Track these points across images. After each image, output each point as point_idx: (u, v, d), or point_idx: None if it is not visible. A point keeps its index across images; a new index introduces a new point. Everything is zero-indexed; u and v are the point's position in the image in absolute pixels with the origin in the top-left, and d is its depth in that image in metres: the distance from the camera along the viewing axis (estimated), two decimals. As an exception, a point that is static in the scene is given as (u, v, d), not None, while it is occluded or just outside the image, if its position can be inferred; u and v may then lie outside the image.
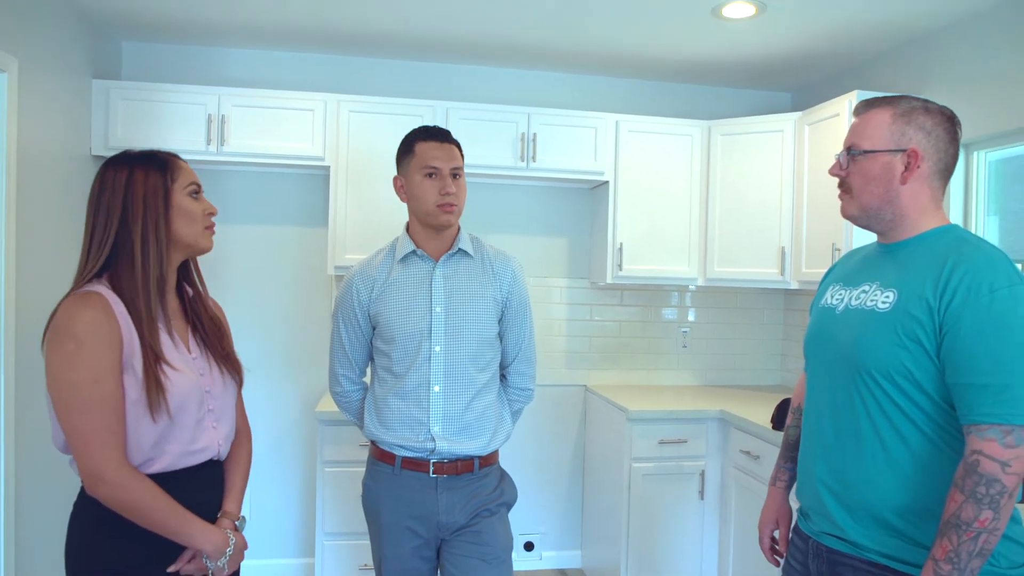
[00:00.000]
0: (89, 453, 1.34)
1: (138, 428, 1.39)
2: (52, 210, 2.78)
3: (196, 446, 1.48)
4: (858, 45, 3.22)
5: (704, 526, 3.25)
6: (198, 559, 1.47)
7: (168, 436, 1.43)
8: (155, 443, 1.42)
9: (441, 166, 1.97)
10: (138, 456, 1.41)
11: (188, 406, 1.45)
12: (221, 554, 1.48)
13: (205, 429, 1.51)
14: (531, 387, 2.17)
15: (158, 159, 1.50)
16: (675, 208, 3.53)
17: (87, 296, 1.39)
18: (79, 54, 2.99)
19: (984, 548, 1.27)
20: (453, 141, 2.04)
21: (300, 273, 3.57)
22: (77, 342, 1.35)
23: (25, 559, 2.57)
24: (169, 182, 1.48)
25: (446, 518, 1.98)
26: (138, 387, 1.38)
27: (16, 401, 2.47)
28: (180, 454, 1.45)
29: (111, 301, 1.40)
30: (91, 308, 1.37)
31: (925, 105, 1.48)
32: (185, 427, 1.45)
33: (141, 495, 1.37)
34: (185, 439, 1.46)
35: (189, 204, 1.50)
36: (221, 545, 1.48)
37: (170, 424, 1.42)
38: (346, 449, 3.02)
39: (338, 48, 3.46)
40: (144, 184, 1.45)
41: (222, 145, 3.15)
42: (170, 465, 1.44)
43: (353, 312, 2.06)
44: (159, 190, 1.46)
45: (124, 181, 1.45)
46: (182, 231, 1.49)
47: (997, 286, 1.31)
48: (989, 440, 1.28)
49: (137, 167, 1.47)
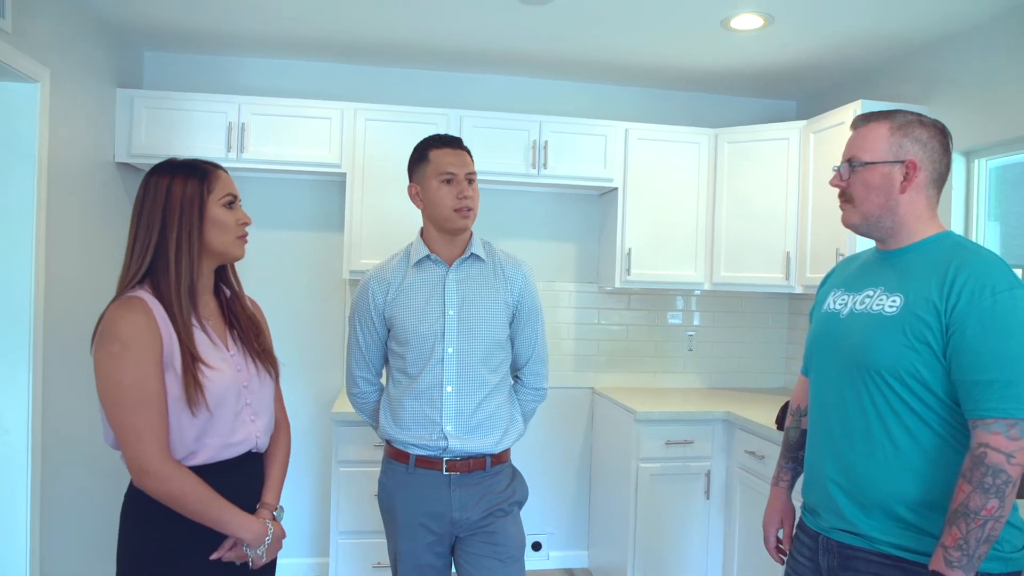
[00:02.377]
0: (135, 448, 1.43)
1: (180, 423, 1.47)
2: (78, 216, 2.87)
3: (235, 439, 1.56)
4: (862, 56, 3.29)
5: (710, 525, 3.31)
6: (238, 547, 1.55)
7: (208, 430, 1.51)
8: (196, 437, 1.50)
9: (457, 171, 2.03)
10: (181, 450, 1.49)
11: (226, 401, 1.53)
12: (260, 543, 1.56)
13: (243, 422, 1.59)
14: (545, 387, 2.23)
15: (199, 170, 1.58)
16: (682, 214, 3.60)
17: (130, 301, 1.48)
18: (104, 64, 3.09)
19: (991, 535, 1.36)
20: (465, 148, 2.10)
21: (316, 277, 3.66)
22: (122, 344, 1.43)
23: (50, 552, 2.65)
24: (206, 193, 1.55)
25: (459, 515, 2.03)
26: (178, 385, 1.46)
27: (44, 400, 2.56)
28: (220, 447, 1.53)
29: (151, 305, 1.48)
30: (133, 312, 1.46)
31: (920, 119, 1.57)
32: (224, 421, 1.53)
33: (183, 486, 1.45)
34: (224, 432, 1.54)
35: (223, 215, 1.57)
36: (260, 534, 1.56)
37: (210, 418, 1.50)
38: (361, 449, 3.09)
39: (355, 58, 3.55)
40: (182, 194, 1.53)
41: (242, 152, 3.23)
42: (211, 457, 1.52)
43: (369, 315, 2.12)
44: (195, 200, 1.54)
45: (165, 189, 1.53)
46: (214, 240, 1.57)
47: (999, 288, 1.40)
48: (995, 433, 1.36)
49: (177, 176, 1.55)
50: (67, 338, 2.70)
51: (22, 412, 2.47)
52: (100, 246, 2.99)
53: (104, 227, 3.04)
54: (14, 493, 2.46)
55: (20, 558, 2.47)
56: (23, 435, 2.47)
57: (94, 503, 2.97)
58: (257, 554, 1.57)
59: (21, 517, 2.47)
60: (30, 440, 2.48)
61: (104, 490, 3.02)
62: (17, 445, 2.47)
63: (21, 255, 2.48)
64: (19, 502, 2.47)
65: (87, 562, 2.93)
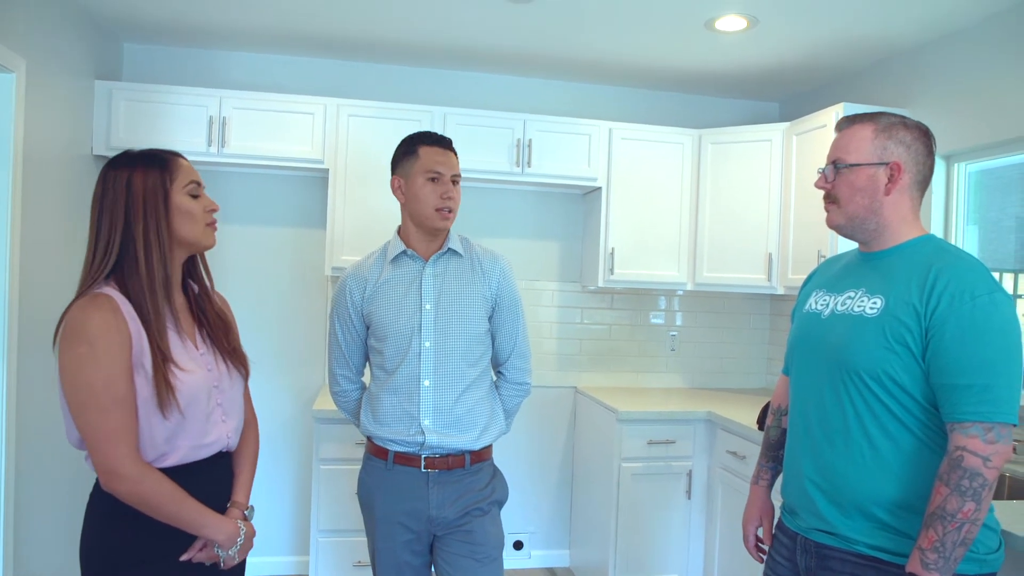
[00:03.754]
0: (105, 451, 1.38)
1: (150, 425, 1.43)
2: (55, 209, 2.82)
3: (207, 440, 1.53)
4: (845, 58, 3.31)
5: (691, 525, 3.33)
6: (209, 548, 1.51)
7: (179, 432, 1.47)
8: (167, 439, 1.46)
9: (444, 172, 2.04)
10: (151, 452, 1.44)
11: (197, 402, 1.49)
12: (233, 543, 1.53)
13: (215, 423, 1.55)
14: (528, 381, 2.23)
15: (158, 159, 1.51)
16: (666, 214, 3.61)
17: (96, 298, 1.42)
18: (82, 55, 3.03)
19: (967, 537, 1.37)
20: (454, 150, 2.11)
21: (298, 274, 3.63)
22: (89, 344, 1.37)
23: (24, 550, 2.61)
24: (168, 182, 1.49)
25: (437, 513, 2.03)
26: (148, 386, 1.42)
27: (18, 397, 2.51)
28: (191, 448, 1.50)
29: (119, 302, 1.42)
30: (100, 310, 1.40)
31: (903, 121, 1.58)
32: (195, 422, 1.49)
33: (155, 489, 1.41)
34: (196, 433, 1.50)
35: (188, 204, 1.52)
36: (233, 535, 1.53)
37: (181, 420, 1.46)
38: (342, 447, 3.07)
39: (338, 53, 3.52)
40: (143, 185, 1.47)
41: (223, 147, 3.19)
42: (182, 459, 1.48)
43: (347, 313, 2.12)
44: (158, 191, 1.48)
45: (124, 183, 1.47)
46: (183, 230, 1.51)
47: (978, 293, 1.41)
48: (972, 436, 1.37)
49: (137, 168, 1.48)
50: (42, 333, 2.63)
51: (-5, 408, 2.43)
52: (76, 240, 2.93)
53: (81, 220, 2.92)
54: (-14, 491, 2.42)
55: (-8, 557, 2.42)
56: (-4, 431, 2.43)
57: (68, 499, 2.92)
58: (229, 554, 1.54)
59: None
60: (4, 436, 2.43)
61: (78, 486, 2.97)
62: (-10, 442, 2.42)
63: (-5, 248, 2.43)
64: (-9, 500, 2.42)
65: (60, 556, 2.88)
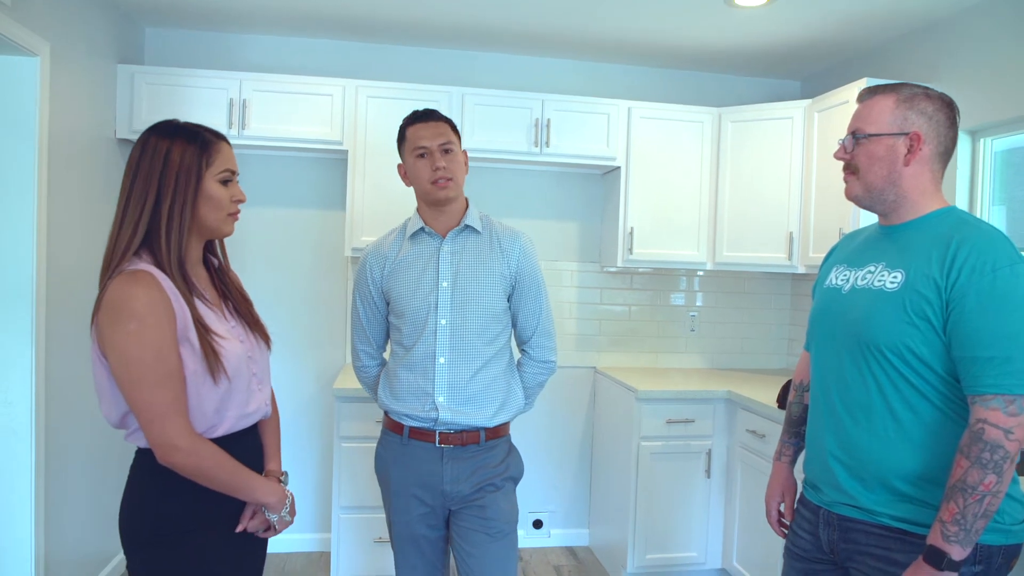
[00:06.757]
0: (161, 425, 1.39)
1: (199, 397, 1.45)
2: (79, 192, 2.87)
3: (250, 408, 1.56)
4: (867, 33, 3.26)
5: (710, 504, 3.33)
6: (260, 514, 1.56)
7: (227, 401, 1.50)
8: (216, 409, 1.48)
9: (429, 144, 2.04)
10: (202, 423, 1.47)
11: (240, 371, 1.52)
12: (283, 505, 1.58)
13: (253, 392, 1.58)
14: (553, 359, 2.23)
15: (200, 138, 1.50)
16: (685, 193, 3.59)
17: (136, 275, 1.41)
18: (104, 39, 3.07)
19: (988, 510, 1.36)
20: (441, 118, 2.09)
21: (318, 254, 3.66)
22: (138, 321, 1.37)
23: (55, 516, 2.68)
24: (204, 166, 1.48)
25: (451, 487, 2.05)
26: (195, 358, 1.43)
27: (46, 373, 2.57)
28: (238, 417, 1.53)
29: (159, 278, 1.43)
30: (144, 286, 1.39)
31: (926, 91, 1.55)
32: (239, 391, 1.53)
33: (211, 458, 1.44)
34: (240, 402, 1.53)
35: (218, 191, 1.51)
36: (282, 497, 1.58)
37: (228, 389, 1.49)
38: (362, 424, 3.10)
39: (356, 34, 3.53)
40: (180, 162, 1.45)
41: (243, 129, 3.22)
42: (230, 428, 1.52)
43: (368, 290, 2.16)
44: (192, 172, 1.47)
45: (164, 153, 1.45)
46: (206, 216, 1.51)
47: (999, 265, 1.39)
48: (993, 409, 1.37)
49: (177, 141, 1.47)
50: (69, 312, 2.71)
51: (25, 385, 2.49)
52: (101, 221, 2.97)
53: (105, 202, 3.03)
54: (19, 465, 2.49)
55: (25, 526, 2.50)
56: (27, 408, 2.49)
57: (96, 473, 3.00)
58: (281, 516, 1.58)
59: (26, 488, 2.50)
60: (34, 413, 2.50)
61: (106, 461, 3.05)
62: (21, 418, 2.49)
63: (22, 230, 2.48)
64: (23, 473, 2.49)
65: (89, 530, 2.96)
